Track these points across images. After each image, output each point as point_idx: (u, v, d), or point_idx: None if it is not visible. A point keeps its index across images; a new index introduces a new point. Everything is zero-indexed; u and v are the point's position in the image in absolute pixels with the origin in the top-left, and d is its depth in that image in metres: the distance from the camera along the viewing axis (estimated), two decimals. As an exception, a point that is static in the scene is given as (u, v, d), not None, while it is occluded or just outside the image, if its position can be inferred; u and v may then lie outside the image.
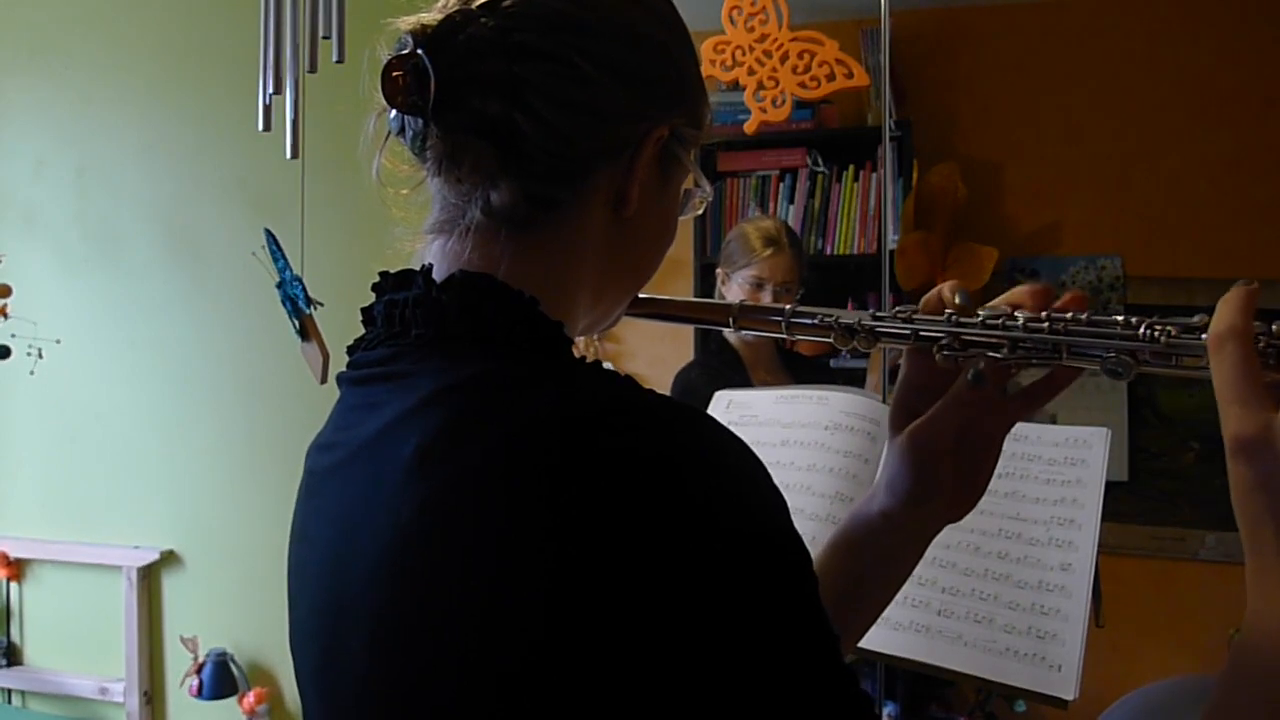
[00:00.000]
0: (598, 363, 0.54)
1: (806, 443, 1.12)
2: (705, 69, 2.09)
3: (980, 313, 0.59)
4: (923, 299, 0.63)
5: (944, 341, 0.60)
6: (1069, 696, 0.88)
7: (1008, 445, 1.00)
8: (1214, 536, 2.76)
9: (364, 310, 0.60)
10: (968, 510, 0.68)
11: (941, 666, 0.94)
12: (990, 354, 0.58)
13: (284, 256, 1.79)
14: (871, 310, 0.64)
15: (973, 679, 0.94)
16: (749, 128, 2.07)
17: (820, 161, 2.82)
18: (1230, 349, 0.45)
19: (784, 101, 2.03)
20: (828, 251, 2.80)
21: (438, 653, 0.47)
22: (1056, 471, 1.02)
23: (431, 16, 0.54)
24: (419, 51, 0.53)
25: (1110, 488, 0.98)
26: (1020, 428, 1.06)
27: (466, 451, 0.48)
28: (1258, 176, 2.68)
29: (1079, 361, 0.56)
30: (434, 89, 0.52)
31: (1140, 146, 2.77)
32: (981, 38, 2.90)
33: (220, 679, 2.90)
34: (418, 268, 0.58)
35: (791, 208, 2.84)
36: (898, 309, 0.63)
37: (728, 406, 1.24)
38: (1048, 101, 2.84)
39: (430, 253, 0.59)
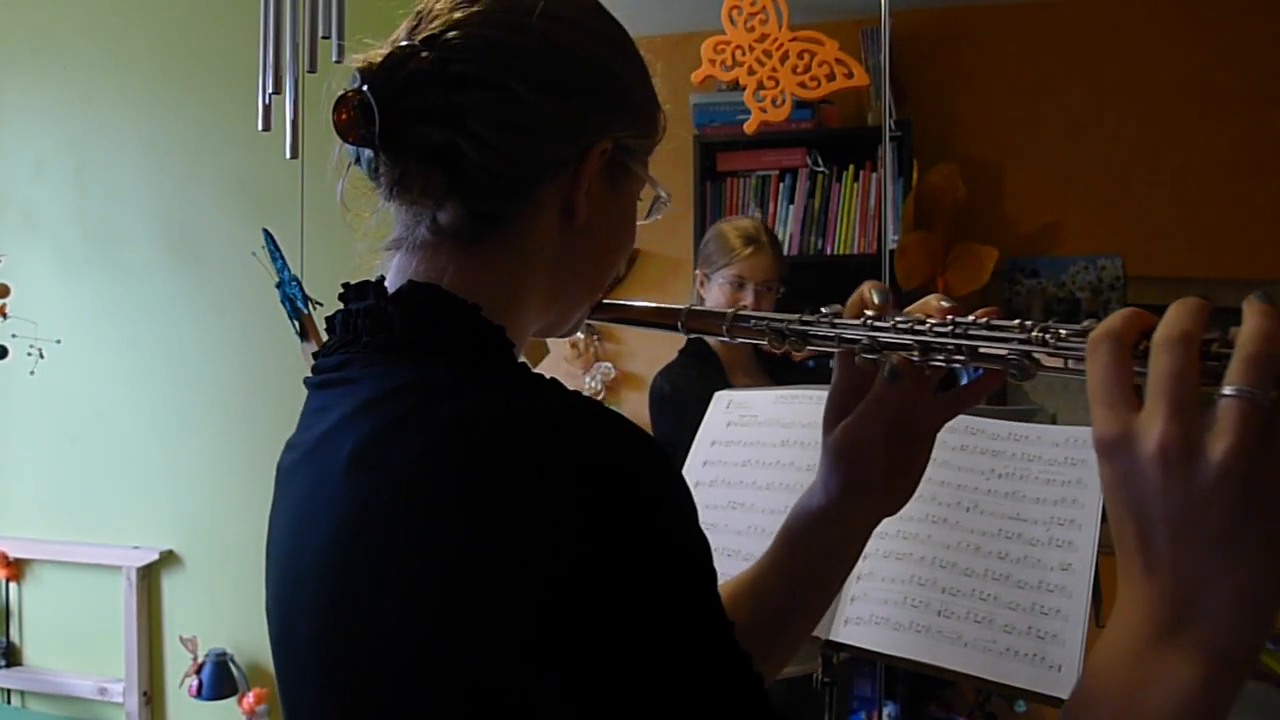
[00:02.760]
0: (525, 368, 0.58)
1: (806, 443, 1.12)
2: (705, 69, 2.08)
3: (897, 319, 0.61)
4: (848, 300, 0.65)
5: (864, 343, 0.62)
6: (1069, 697, 0.88)
7: (1008, 445, 1.00)
8: (1214, 536, 2.76)
9: (328, 319, 0.64)
10: (902, 504, 0.71)
11: (941, 667, 0.94)
12: (904, 355, 0.60)
13: (282, 257, 1.79)
14: (800, 314, 0.65)
15: (973, 679, 0.94)
16: (749, 128, 2.07)
17: (820, 161, 2.82)
18: (1102, 352, 0.46)
19: (784, 101, 2.03)
20: (828, 251, 2.80)
21: (370, 644, 0.51)
22: (1056, 472, 1.02)
23: (378, 53, 0.58)
24: (364, 88, 0.57)
25: (1110, 488, 0.98)
26: (1020, 427, 1.06)
27: (393, 455, 0.52)
28: (1258, 176, 2.68)
29: (985, 363, 0.58)
30: (378, 122, 0.56)
31: (1140, 146, 2.77)
32: (981, 38, 2.90)
33: (220, 679, 2.90)
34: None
35: (791, 208, 2.84)
36: (823, 310, 0.65)
37: (728, 406, 1.23)
38: (1048, 101, 2.84)
39: (390, 266, 0.63)
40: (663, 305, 0.73)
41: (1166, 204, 2.75)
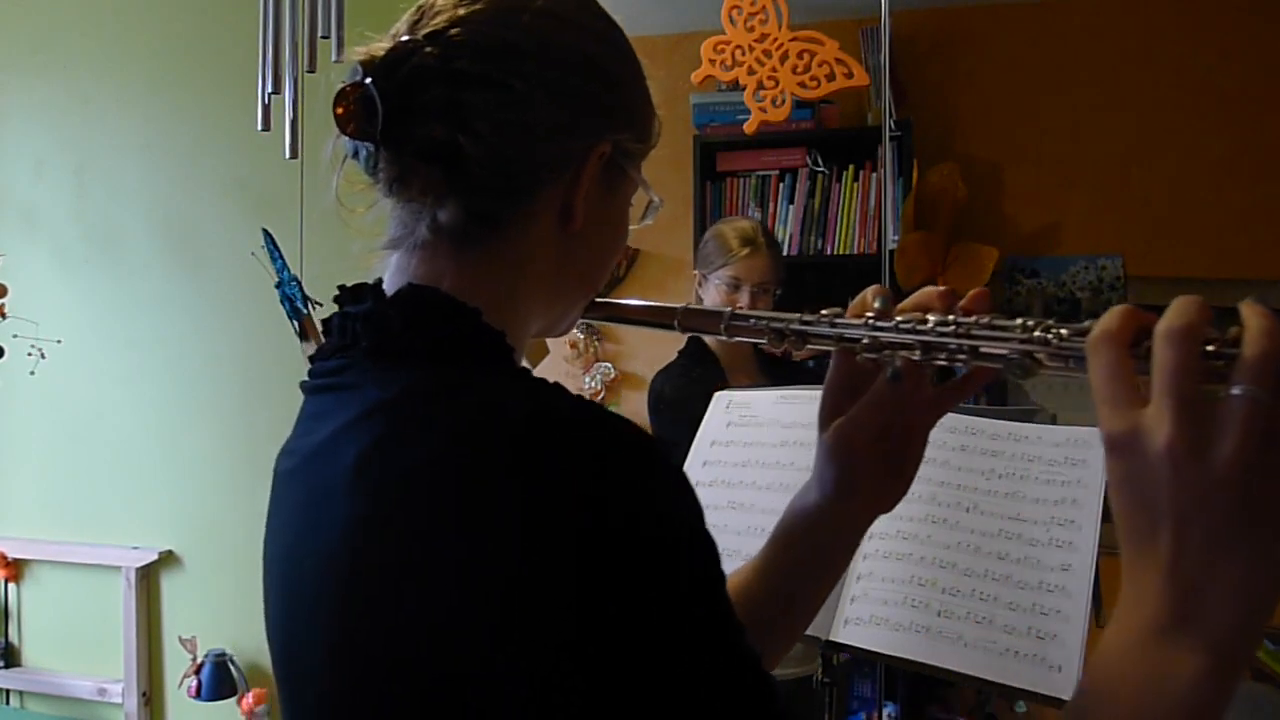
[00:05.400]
0: (527, 372, 0.57)
1: (806, 443, 1.12)
2: (705, 69, 2.09)
3: (897, 318, 0.62)
4: (851, 303, 0.66)
5: (865, 343, 0.63)
6: (1069, 697, 0.87)
7: (1008, 446, 1.00)
8: (1214, 537, 2.75)
9: (324, 321, 0.63)
10: (896, 501, 0.71)
11: (941, 667, 0.94)
12: (905, 354, 0.61)
13: (281, 257, 1.79)
14: (800, 314, 0.66)
15: (973, 679, 0.94)
16: (749, 128, 2.07)
17: (820, 161, 2.82)
18: (1104, 352, 0.47)
19: (784, 101, 2.03)
20: (828, 251, 2.79)
21: (386, 647, 0.50)
22: (1056, 472, 1.01)
23: (380, 47, 0.57)
24: (367, 81, 0.56)
25: (1110, 488, 0.97)
26: (1020, 428, 1.06)
27: (400, 461, 0.51)
28: (1258, 176, 2.68)
29: (986, 362, 0.58)
30: (381, 117, 0.55)
31: (1140, 146, 2.77)
32: (981, 38, 2.90)
33: (219, 680, 2.90)
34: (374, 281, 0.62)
35: (791, 208, 2.84)
36: (823, 312, 0.66)
37: (727, 406, 1.23)
38: (1048, 101, 2.84)
39: (387, 266, 0.63)
40: (659, 304, 0.73)
41: (1166, 204, 2.75)
